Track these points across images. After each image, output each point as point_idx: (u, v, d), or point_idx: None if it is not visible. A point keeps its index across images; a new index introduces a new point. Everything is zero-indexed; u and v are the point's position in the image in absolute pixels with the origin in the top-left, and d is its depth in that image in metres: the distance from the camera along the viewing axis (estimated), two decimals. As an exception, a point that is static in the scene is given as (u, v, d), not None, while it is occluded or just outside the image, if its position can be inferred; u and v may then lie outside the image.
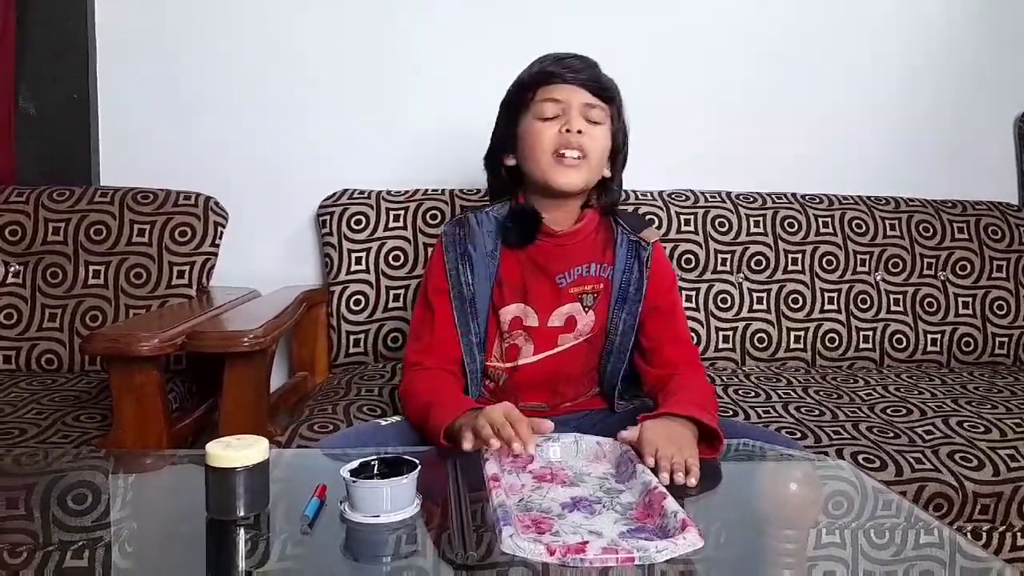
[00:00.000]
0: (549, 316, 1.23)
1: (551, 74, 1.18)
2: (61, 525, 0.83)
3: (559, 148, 1.16)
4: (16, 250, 1.77)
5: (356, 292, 1.83)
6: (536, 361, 1.23)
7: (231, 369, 1.35)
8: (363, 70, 2.00)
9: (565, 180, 1.17)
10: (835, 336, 1.91)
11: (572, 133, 1.15)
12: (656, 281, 1.24)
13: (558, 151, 1.16)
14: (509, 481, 0.93)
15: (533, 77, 1.20)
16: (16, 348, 1.72)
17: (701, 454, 1.00)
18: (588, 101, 1.18)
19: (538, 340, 1.23)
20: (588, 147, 1.17)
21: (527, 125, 1.20)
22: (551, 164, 1.17)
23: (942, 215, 2.01)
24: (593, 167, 1.19)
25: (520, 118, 1.21)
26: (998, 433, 1.43)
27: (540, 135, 1.17)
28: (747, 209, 1.94)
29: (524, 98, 1.20)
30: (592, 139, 1.18)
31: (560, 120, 1.17)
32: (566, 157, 1.16)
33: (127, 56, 1.96)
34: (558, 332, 1.23)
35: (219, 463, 0.80)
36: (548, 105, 1.17)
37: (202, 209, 1.83)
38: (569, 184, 1.18)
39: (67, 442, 1.33)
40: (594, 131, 1.18)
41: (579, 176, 1.18)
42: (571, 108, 1.17)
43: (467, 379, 1.21)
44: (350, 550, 0.80)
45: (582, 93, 1.18)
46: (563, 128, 1.16)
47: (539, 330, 1.23)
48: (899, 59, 2.13)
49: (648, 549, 0.73)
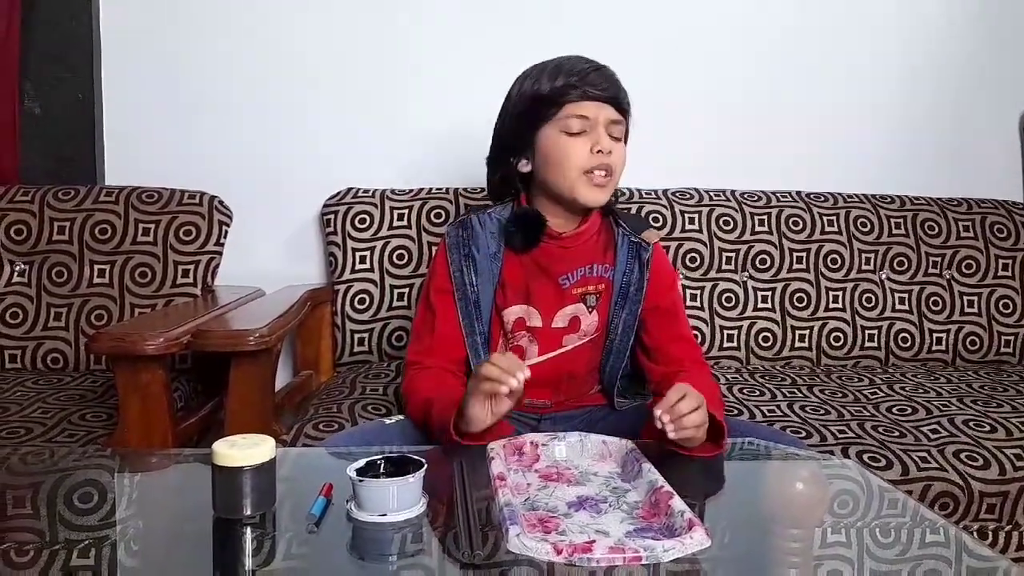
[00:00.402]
0: (553, 317, 1.23)
1: (578, 89, 1.16)
2: (67, 524, 0.83)
3: (590, 167, 1.16)
4: (21, 249, 1.77)
5: (360, 291, 1.83)
6: (541, 362, 1.23)
7: (236, 368, 1.35)
8: (367, 69, 2.00)
9: (593, 198, 1.18)
10: (840, 335, 1.90)
11: (604, 154, 1.16)
12: (656, 281, 1.24)
13: (589, 170, 1.17)
14: (515, 480, 0.93)
15: (558, 90, 1.17)
16: (22, 347, 1.72)
17: (705, 451, 1.00)
18: (613, 118, 1.18)
19: (543, 341, 1.24)
20: (615, 166, 1.18)
21: (552, 138, 1.18)
22: (580, 180, 1.17)
23: (947, 213, 2.01)
24: (616, 183, 1.21)
25: (540, 128, 1.19)
26: (1004, 432, 1.42)
27: (569, 151, 1.17)
28: (752, 208, 1.94)
29: (547, 111, 1.18)
30: (618, 157, 1.19)
31: (588, 137, 1.16)
32: (595, 175, 1.17)
33: (132, 56, 1.96)
34: (563, 333, 1.24)
35: (226, 462, 0.80)
36: (575, 121, 1.16)
37: (206, 208, 1.83)
38: (596, 202, 1.19)
39: (73, 441, 1.34)
40: (618, 148, 1.19)
41: (605, 194, 1.19)
42: (599, 126, 1.17)
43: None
44: (356, 549, 0.80)
45: (608, 110, 1.18)
46: (594, 148, 1.16)
47: (543, 331, 1.23)
48: (901, 58, 2.13)
49: (655, 548, 0.73)
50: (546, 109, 1.18)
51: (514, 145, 1.23)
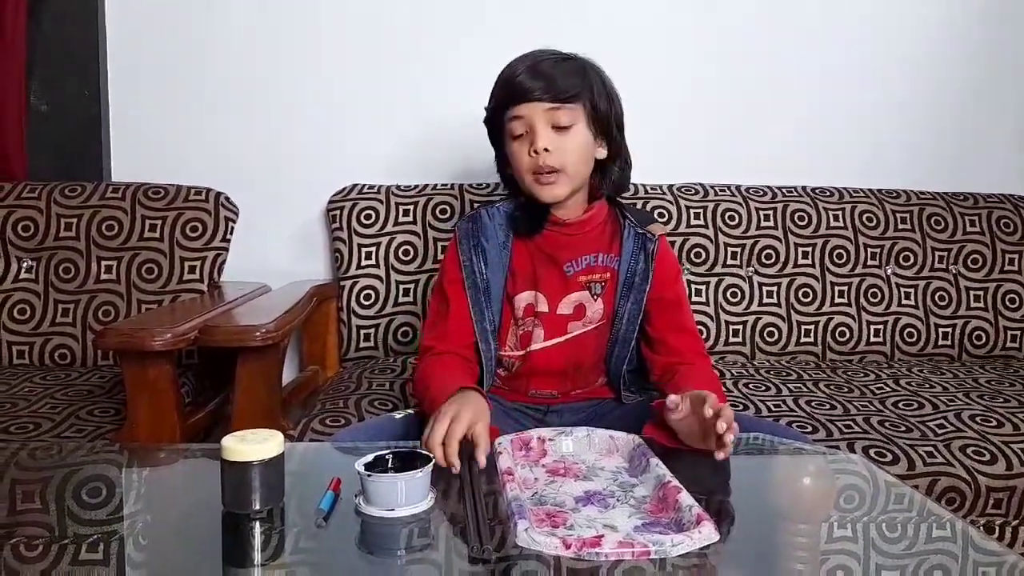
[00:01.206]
0: (558, 303, 1.25)
1: (513, 91, 1.19)
2: (76, 518, 0.83)
3: (532, 170, 1.19)
4: (29, 246, 1.78)
5: (366, 287, 1.84)
6: (547, 347, 1.24)
7: (243, 363, 1.35)
8: (371, 64, 2.00)
9: (548, 195, 1.20)
10: (845, 330, 1.90)
11: (540, 154, 1.17)
12: (661, 272, 1.25)
13: (532, 171, 1.19)
14: (523, 475, 0.93)
15: (500, 95, 1.22)
16: (30, 343, 1.73)
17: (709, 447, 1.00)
18: (549, 107, 1.18)
19: (548, 326, 1.25)
20: (559, 161, 1.18)
21: (507, 144, 1.23)
22: (532, 183, 1.20)
23: (953, 208, 2.00)
24: (572, 174, 1.20)
25: (502, 135, 1.24)
26: (1011, 427, 1.42)
27: (516, 155, 1.20)
28: (757, 203, 1.94)
29: (499, 119, 1.23)
30: (562, 151, 1.18)
31: (529, 137, 1.18)
32: (541, 175, 1.19)
33: (138, 53, 1.97)
34: (567, 320, 1.25)
35: (236, 457, 0.81)
36: (515, 124, 1.19)
37: (213, 204, 1.84)
38: (553, 198, 1.21)
39: (81, 436, 1.34)
40: (563, 139, 1.18)
41: (560, 188, 1.20)
42: (535, 124, 1.18)
43: (482, 367, 1.23)
44: (365, 544, 0.80)
45: (541, 105, 1.18)
46: (530, 150, 1.18)
47: (549, 316, 1.25)
48: (909, 50, 2.11)
49: (663, 543, 0.73)
50: (498, 118, 1.23)
51: (497, 152, 1.29)
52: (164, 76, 1.97)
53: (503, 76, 1.22)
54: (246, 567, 0.77)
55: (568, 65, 1.20)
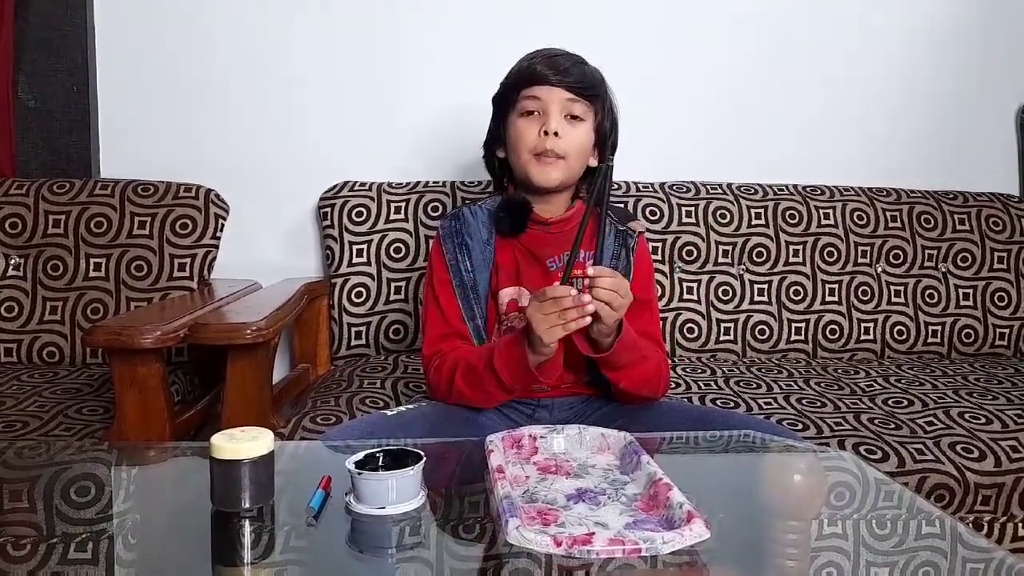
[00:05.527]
0: None
1: (534, 74, 1.24)
2: (64, 518, 0.83)
3: (538, 149, 1.23)
4: (17, 243, 1.76)
5: (357, 284, 1.83)
6: None
7: (234, 361, 1.35)
8: (363, 62, 1.99)
9: (543, 177, 1.24)
10: (836, 328, 1.91)
11: (549, 136, 1.21)
12: (639, 271, 1.28)
13: (537, 151, 1.23)
14: (514, 472, 0.93)
15: (517, 76, 1.26)
16: (17, 341, 1.72)
17: (586, 350, 1.15)
18: (568, 97, 1.23)
19: None
20: (564, 148, 1.23)
21: (512, 122, 1.27)
22: (530, 161, 1.24)
23: (943, 206, 2.01)
24: (572, 164, 1.25)
25: (508, 115, 1.28)
26: (999, 424, 1.43)
27: (522, 132, 1.24)
28: (748, 201, 1.94)
29: (510, 96, 1.27)
30: (570, 140, 1.23)
31: (540, 119, 1.23)
32: (544, 156, 1.23)
33: (127, 48, 1.95)
34: None
35: (225, 455, 0.80)
36: (528, 102, 1.24)
37: (203, 201, 1.83)
38: (547, 181, 1.24)
39: (70, 435, 1.33)
40: (573, 130, 1.24)
41: (557, 173, 1.24)
42: (550, 107, 1.23)
43: None
44: (355, 542, 0.80)
45: (560, 92, 1.23)
46: (542, 130, 1.22)
47: None
48: (900, 50, 2.12)
49: (654, 540, 0.73)
50: (510, 95, 1.27)
51: (495, 134, 1.33)
52: (154, 72, 1.96)
53: (525, 59, 1.27)
54: (236, 566, 0.77)
55: (590, 68, 1.28)
